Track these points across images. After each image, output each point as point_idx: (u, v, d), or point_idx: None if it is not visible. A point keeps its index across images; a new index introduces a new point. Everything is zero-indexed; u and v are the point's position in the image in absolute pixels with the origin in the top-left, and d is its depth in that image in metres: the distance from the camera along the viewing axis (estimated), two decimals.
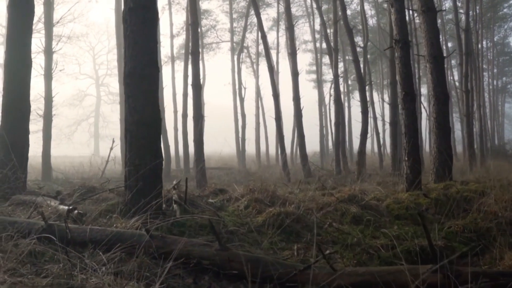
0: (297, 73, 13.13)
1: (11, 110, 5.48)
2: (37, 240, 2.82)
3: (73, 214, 3.64)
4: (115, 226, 3.21)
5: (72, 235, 2.93)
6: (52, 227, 2.96)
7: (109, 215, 3.82)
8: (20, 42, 5.52)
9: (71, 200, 5.11)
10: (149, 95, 3.86)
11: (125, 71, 3.86)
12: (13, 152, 5.36)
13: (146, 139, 3.82)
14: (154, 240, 2.89)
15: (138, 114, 3.80)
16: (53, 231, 2.91)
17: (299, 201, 4.82)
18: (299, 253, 3.54)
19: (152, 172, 3.84)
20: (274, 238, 3.76)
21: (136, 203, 3.71)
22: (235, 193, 4.92)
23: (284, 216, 4.07)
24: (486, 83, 33.20)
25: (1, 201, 5.05)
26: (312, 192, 5.35)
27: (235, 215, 4.27)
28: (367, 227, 4.17)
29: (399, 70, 5.38)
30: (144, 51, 3.83)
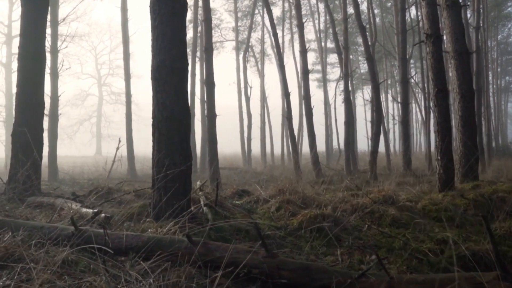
0: (307, 72, 12.89)
1: (25, 108, 5.23)
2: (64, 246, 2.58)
3: (99, 217, 3.39)
4: (149, 231, 2.96)
5: (101, 242, 2.69)
6: (83, 232, 2.71)
7: (136, 218, 3.58)
8: (34, 36, 5.26)
9: (89, 201, 4.88)
10: (180, 90, 3.61)
11: (153, 64, 3.61)
12: (27, 152, 5.11)
13: (176, 138, 3.58)
14: (196, 246, 2.64)
15: (167, 110, 3.56)
16: (85, 237, 2.67)
17: (330, 202, 4.58)
18: (343, 258, 3.31)
19: (182, 172, 3.60)
20: (313, 243, 3.52)
21: (165, 206, 3.47)
22: (262, 194, 4.68)
23: (322, 219, 3.83)
24: (490, 82, 33.02)
25: (17, 202, 4.81)
26: (341, 193, 5.10)
27: (267, 218, 4.03)
28: (408, 230, 3.94)
29: (431, 65, 5.15)
30: (174, 43, 3.58)
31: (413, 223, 4.10)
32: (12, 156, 5.20)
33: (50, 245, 2.51)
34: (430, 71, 5.21)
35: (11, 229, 2.65)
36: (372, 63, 11.66)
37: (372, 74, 11.71)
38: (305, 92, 12.98)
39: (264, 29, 24.02)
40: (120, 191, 5.57)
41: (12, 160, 5.16)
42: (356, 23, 12.55)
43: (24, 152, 5.05)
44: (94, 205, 4.28)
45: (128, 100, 15.23)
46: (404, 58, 13.90)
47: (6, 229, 2.68)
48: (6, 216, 3.79)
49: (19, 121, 5.21)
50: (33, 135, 5.17)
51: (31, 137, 5.12)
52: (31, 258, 2.29)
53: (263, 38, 23.89)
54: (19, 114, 5.22)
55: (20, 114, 5.21)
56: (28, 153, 5.06)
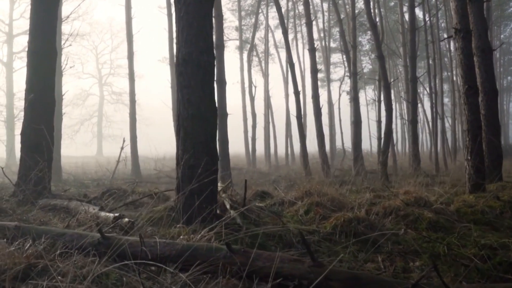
0: (316, 70, 12.66)
1: (35, 105, 4.97)
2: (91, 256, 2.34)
3: (121, 222, 3.15)
4: (181, 237, 2.72)
5: (134, 250, 2.45)
6: (110, 240, 2.46)
7: (160, 223, 3.34)
8: (45, 30, 5.00)
9: (103, 203, 4.63)
10: (206, 85, 3.37)
11: (178, 58, 3.37)
12: (38, 152, 4.86)
13: (202, 136, 3.33)
14: (236, 255, 2.40)
15: (193, 107, 3.31)
16: (113, 245, 2.43)
17: (359, 204, 4.35)
18: (385, 265, 3.07)
19: (209, 173, 3.35)
20: (350, 248, 3.29)
21: (192, 210, 3.23)
22: (287, 196, 4.44)
23: (356, 223, 3.60)
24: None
25: (28, 205, 4.56)
26: (367, 194, 4.87)
27: (296, 222, 3.79)
28: (447, 234, 3.70)
29: (461, 62, 4.92)
30: (201, 35, 3.34)
31: (449, 227, 3.87)
32: (21, 156, 4.94)
33: (76, 254, 2.26)
34: (459, 67, 4.99)
35: (32, 237, 2.40)
36: (382, 62, 11.44)
37: (383, 72, 11.49)
38: (313, 91, 12.74)
39: (268, 29, 23.79)
40: (134, 193, 5.32)
41: (22, 161, 4.90)
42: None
43: (34, 152, 4.79)
44: (112, 208, 4.03)
45: (132, 99, 14.99)
46: (413, 57, 13.66)
47: (26, 237, 2.43)
48: (20, 221, 3.54)
49: (28, 120, 4.96)
50: (43, 134, 4.91)
51: (41, 136, 4.87)
52: (57, 271, 2.04)
53: (267, 37, 23.66)
54: (28, 112, 4.97)
55: (30, 112, 4.95)
56: (38, 153, 4.80)
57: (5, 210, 3.99)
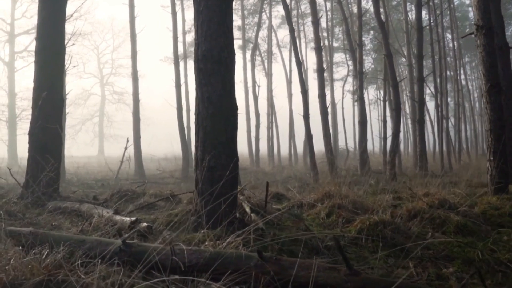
0: (322, 69, 12.49)
1: (43, 105, 4.81)
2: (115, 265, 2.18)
3: (139, 227, 2.99)
4: (206, 244, 2.56)
5: (160, 259, 2.29)
6: (133, 247, 2.31)
7: (179, 227, 3.18)
8: (53, 27, 4.85)
9: (113, 205, 4.47)
10: (227, 83, 3.21)
11: (198, 54, 3.21)
12: (47, 152, 4.70)
13: (223, 137, 3.17)
14: (268, 263, 2.25)
15: (213, 106, 3.15)
16: (136, 253, 2.27)
17: (380, 206, 4.20)
18: (417, 271, 2.92)
19: (230, 175, 3.20)
20: (378, 253, 3.13)
21: (212, 213, 3.07)
22: (306, 198, 4.28)
23: (382, 226, 3.44)
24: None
25: (36, 207, 4.40)
26: (386, 196, 4.71)
27: (318, 225, 3.64)
28: (476, 237, 3.55)
29: (483, 59, 4.76)
30: (221, 30, 3.18)
31: (476, 230, 3.72)
32: (29, 157, 4.79)
33: (100, 264, 2.11)
34: (481, 65, 4.83)
35: (50, 244, 2.24)
36: (391, 60, 11.28)
37: (391, 71, 11.33)
38: (320, 90, 12.57)
39: (271, 28, 23.63)
40: (145, 194, 5.17)
41: (30, 161, 4.75)
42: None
43: (43, 152, 4.63)
44: (126, 212, 3.87)
45: (136, 98, 14.84)
46: (420, 56, 13.50)
47: (43, 244, 2.27)
48: (30, 225, 3.38)
49: (36, 119, 4.80)
50: (52, 133, 4.76)
51: (50, 136, 4.71)
52: (80, 283, 1.89)
53: (270, 37, 23.51)
54: (36, 111, 4.81)
55: (38, 111, 4.79)
56: (47, 153, 4.64)
57: (14, 213, 3.84)
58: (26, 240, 2.32)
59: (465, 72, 30.38)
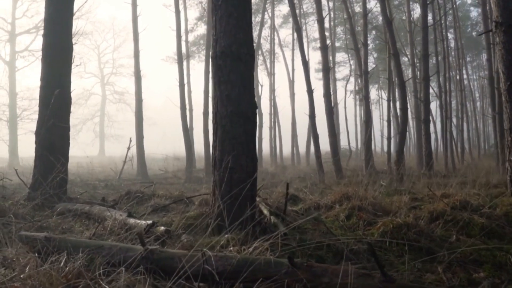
0: (328, 69, 12.36)
1: (49, 103, 4.68)
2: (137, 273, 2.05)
3: (157, 231, 2.86)
4: (231, 249, 2.43)
5: (177, 265, 2.15)
6: (154, 254, 2.18)
7: (196, 230, 3.05)
8: (61, 24, 4.71)
9: (125, 207, 4.34)
10: (246, 80, 3.08)
11: (216, 50, 3.08)
12: (54, 152, 4.57)
13: (242, 136, 3.05)
14: (300, 270, 2.12)
15: (232, 104, 3.03)
16: (159, 259, 2.14)
17: (399, 208, 4.07)
18: (447, 276, 2.79)
19: (249, 176, 3.07)
20: (403, 257, 3.01)
21: (231, 216, 2.94)
22: (323, 199, 4.15)
23: (406, 229, 3.31)
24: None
25: (43, 209, 4.27)
26: (403, 197, 4.58)
27: (338, 228, 3.51)
28: (502, 240, 3.42)
29: (502, 57, 4.65)
30: (241, 25, 3.05)
31: (503, 233, 3.60)
32: (36, 157, 4.65)
33: (121, 272, 1.98)
34: (501, 63, 4.71)
35: (68, 251, 2.11)
36: (398, 59, 11.15)
37: (398, 70, 11.20)
38: (325, 90, 12.45)
39: (273, 27, 23.50)
40: (155, 196, 5.04)
41: (36, 161, 4.61)
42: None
43: (50, 152, 4.50)
44: (139, 214, 3.74)
45: (139, 98, 14.69)
46: (426, 55, 13.38)
47: (60, 251, 2.14)
48: (41, 228, 3.26)
49: (43, 118, 4.66)
50: (60, 133, 4.63)
51: (57, 135, 4.58)
52: None
53: (273, 36, 23.38)
54: (43, 109, 4.67)
55: (45, 109, 4.66)
56: (54, 153, 4.51)
57: (22, 216, 3.70)
58: (42, 246, 2.19)
59: (467, 72, 30.31)
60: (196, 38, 26.08)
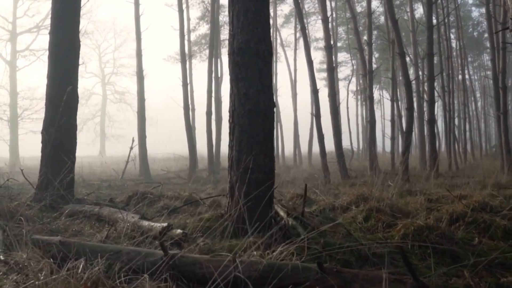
0: (333, 68, 12.28)
1: (56, 102, 4.57)
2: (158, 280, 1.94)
3: (173, 234, 2.75)
4: (254, 254, 2.32)
5: (200, 272, 2.05)
6: (175, 259, 2.07)
7: (213, 233, 2.94)
8: (68, 20, 4.60)
9: (134, 208, 4.24)
10: (265, 78, 2.97)
11: (233, 46, 2.97)
12: (62, 152, 4.46)
13: (261, 135, 2.94)
14: (330, 276, 2.01)
15: (251, 102, 2.92)
16: (180, 265, 2.04)
17: (416, 210, 3.97)
18: (474, 281, 2.69)
19: (267, 177, 2.97)
20: (427, 260, 2.91)
21: (248, 218, 2.83)
22: (338, 200, 4.05)
23: (428, 231, 3.21)
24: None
25: (50, 210, 4.16)
26: (418, 198, 4.49)
27: (357, 230, 3.41)
28: None
29: None
30: (259, 20, 2.94)
31: None
32: (42, 157, 4.54)
33: (143, 279, 1.87)
34: None
35: (87, 256, 2.00)
36: (404, 59, 11.05)
37: (404, 70, 11.11)
38: (330, 89, 12.35)
39: (276, 27, 23.40)
40: (163, 197, 4.93)
41: (43, 161, 4.50)
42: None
43: (57, 152, 4.39)
44: (150, 216, 3.63)
45: (141, 97, 14.56)
46: (431, 54, 13.26)
47: (75, 255, 2.03)
48: (51, 232, 3.15)
49: (50, 117, 4.55)
50: (67, 132, 4.51)
51: (64, 134, 4.47)
52: None
53: (275, 36, 23.26)
54: (50, 108, 4.56)
55: (52, 108, 4.55)
56: (61, 153, 4.40)
57: (30, 218, 3.59)
58: (58, 251, 2.08)
59: (468, 72, 30.23)
60: (198, 38, 25.95)
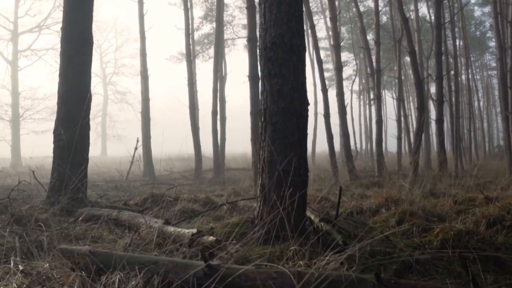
0: (341, 67, 12.11)
1: (69, 100, 4.39)
2: None
3: (204, 240, 2.57)
4: (301, 263, 2.14)
5: (246, 285, 1.87)
6: (218, 271, 1.89)
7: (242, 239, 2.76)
8: (81, 15, 4.42)
9: (152, 212, 4.06)
10: (299, 74, 2.80)
11: (266, 41, 2.80)
12: (72, 153, 4.28)
13: (295, 135, 2.77)
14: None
15: (284, 100, 2.75)
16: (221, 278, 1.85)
17: (446, 213, 3.80)
18: None
19: (301, 180, 2.79)
20: (471, 267, 2.74)
21: (282, 223, 2.66)
22: (366, 203, 3.88)
23: (469, 237, 3.04)
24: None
25: (64, 214, 3.98)
26: (446, 200, 4.31)
27: (391, 234, 3.23)
28: None
29: None
30: (293, 13, 2.77)
31: None
32: (54, 158, 4.36)
33: None
34: None
35: (122, 266, 1.82)
36: (414, 58, 10.89)
37: (414, 69, 10.95)
38: (338, 88, 12.20)
39: None
40: (179, 199, 4.74)
41: (55, 162, 4.32)
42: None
43: (69, 153, 4.21)
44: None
45: (146, 97, 14.37)
46: (439, 53, 13.09)
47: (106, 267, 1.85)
48: (71, 239, 2.97)
49: (62, 116, 4.37)
50: (80, 132, 4.33)
51: (75, 136, 4.28)
52: None
53: None
54: (62, 107, 4.37)
55: (64, 107, 4.36)
56: (74, 153, 4.22)
57: (46, 223, 3.40)
58: (91, 261, 1.90)
59: (472, 71, 30.11)
60: (200, 37, 25.77)
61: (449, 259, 2.94)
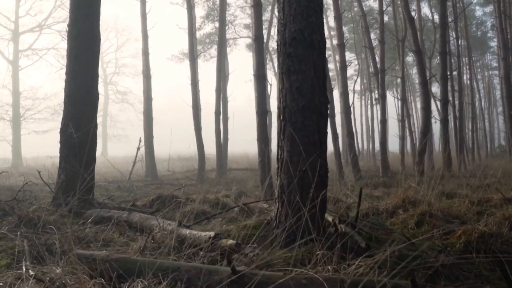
0: (345, 67, 12.03)
1: (76, 100, 4.29)
2: None
3: (224, 244, 2.47)
4: (329, 267, 2.04)
5: None
6: (245, 277, 1.79)
7: (262, 242, 2.67)
8: (89, 11, 4.30)
9: (163, 213, 3.96)
10: (320, 71, 2.70)
11: (285, 37, 2.70)
12: (80, 154, 4.17)
13: (315, 135, 2.67)
14: None
15: (304, 97, 2.65)
16: (248, 284, 1.76)
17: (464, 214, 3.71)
18: None
19: (321, 181, 2.69)
20: (497, 271, 2.65)
21: (308, 226, 2.56)
22: (382, 204, 3.78)
23: (493, 239, 2.94)
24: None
25: (72, 216, 3.88)
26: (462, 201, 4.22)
27: (411, 236, 3.13)
28: None
29: None
30: (313, 7, 2.67)
31: None
32: (61, 158, 4.26)
33: None
34: None
35: (145, 273, 1.73)
36: (420, 57, 10.81)
37: (420, 68, 10.86)
38: (342, 88, 12.11)
39: None
40: (189, 200, 4.65)
41: (62, 163, 4.22)
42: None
43: (77, 153, 4.11)
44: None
45: (148, 96, 14.27)
46: (444, 53, 13.00)
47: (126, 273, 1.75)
48: (82, 242, 2.87)
49: (69, 116, 4.27)
50: (87, 132, 4.23)
51: (82, 137, 4.19)
52: None
53: None
54: (69, 106, 4.27)
55: (71, 106, 4.26)
56: (82, 153, 4.12)
57: (55, 225, 3.30)
58: (111, 268, 1.80)
59: (474, 71, 30.04)
60: (202, 37, 25.68)
61: (474, 262, 2.85)
